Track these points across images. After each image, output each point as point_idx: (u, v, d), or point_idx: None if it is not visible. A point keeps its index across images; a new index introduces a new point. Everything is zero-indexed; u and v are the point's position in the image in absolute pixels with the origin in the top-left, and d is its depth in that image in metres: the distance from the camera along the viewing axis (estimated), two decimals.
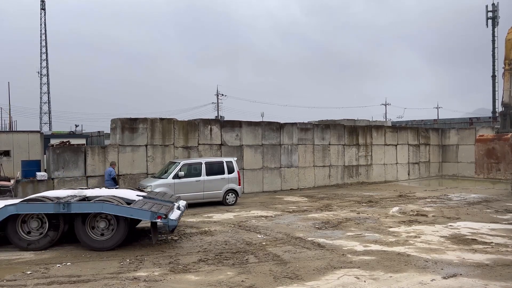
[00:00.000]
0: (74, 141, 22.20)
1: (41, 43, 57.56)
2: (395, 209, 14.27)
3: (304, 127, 21.71)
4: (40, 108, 57.84)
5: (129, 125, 17.22)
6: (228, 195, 16.02)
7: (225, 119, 32.87)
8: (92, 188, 11.27)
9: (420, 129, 27.20)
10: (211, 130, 18.95)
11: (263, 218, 12.79)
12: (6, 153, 22.04)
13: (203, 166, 15.78)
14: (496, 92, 47.64)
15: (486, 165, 24.65)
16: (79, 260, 8.17)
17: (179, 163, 15.62)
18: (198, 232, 10.72)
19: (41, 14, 57.61)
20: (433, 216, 12.88)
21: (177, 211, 9.81)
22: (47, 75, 57.72)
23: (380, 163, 24.48)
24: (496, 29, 49.15)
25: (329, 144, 22.44)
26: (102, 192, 10.04)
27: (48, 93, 58.02)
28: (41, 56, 57.57)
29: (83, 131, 42.41)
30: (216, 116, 54.61)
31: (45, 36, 57.64)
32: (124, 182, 16.67)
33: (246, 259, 8.08)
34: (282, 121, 21.19)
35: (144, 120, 17.57)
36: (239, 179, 16.43)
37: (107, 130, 30.26)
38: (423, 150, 26.75)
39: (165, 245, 9.34)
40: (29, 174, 16.39)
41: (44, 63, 57.59)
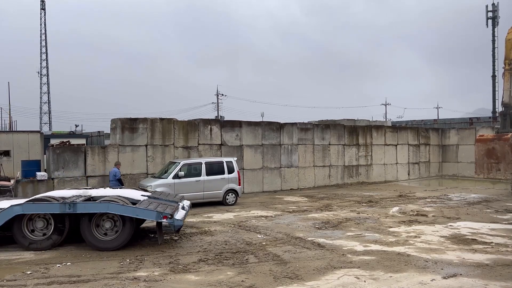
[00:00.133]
0: (74, 141, 22.20)
1: (41, 43, 57.66)
2: (395, 209, 14.28)
3: (304, 127, 21.71)
4: (40, 108, 57.92)
5: (129, 125, 17.23)
6: (228, 195, 16.03)
7: (225, 119, 32.87)
8: (96, 188, 11.21)
9: (420, 129, 27.21)
10: (211, 130, 18.95)
11: (263, 218, 12.80)
12: (6, 153, 22.05)
13: (203, 166, 15.79)
14: (496, 92, 47.69)
15: (486, 165, 24.65)
16: (79, 260, 8.17)
17: (179, 163, 15.63)
18: (198, 232, 10.72)
19: (41, 14, 57.68)
20: (433, 216, 12.88)
21: (182, 211, 9.79)
22: (47, 75, 57.79)
23: (380, 163, 24.49)
24: (496, 29, 49.21)
25: (329, 144, 22.45)
26: (107, 192, 10.02)
27: (48, 93, 58.07)
28: (41, 56, 57.67)
29: (83, 131, 42.44)
30: (216, 116, 54.62)
31: (45, 36, 57.73)
32: (124, 182, 16.65)
33: (246, 259, 8.08)
34: (282, 121, 21.21)
35: (144, 120, 17.58)
36: (239, 179, 16.43)
37: (107, 130, 30.30)
38: (423, 150, 26.76)
39: (165, 245, 9.33)
40: (29, 174, 16.39)
41: (44, 63, 57.68)
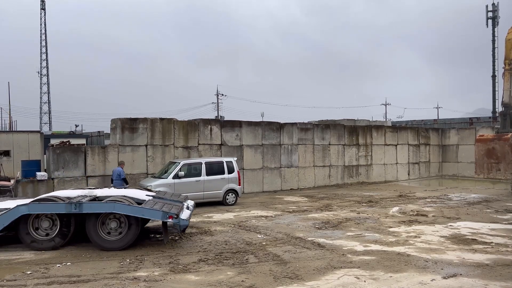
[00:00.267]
0: (74, 141, 22.20)
1: (41, 43, 57.61)
2: (395, 209, 14.27)
3: (304, 127, 21.71)
4: (40, 108, 57.88)
5: (129, 125, 17.23)
6: (228, 195, 16.03)
7: (225, 119, 32.87)
8: (100, 188, 11.17)
9: (420, 129, 27.21)
10: (211, 130, 18.95)
11: (263, 218, 12.80)
12: (6, 153, 22.06)
13: (203, 166, 15.79)
14: (496, 92, 47.69)
15: (486, 165, 24.67)
16: (79, 260, 8.17)
17: (179, 163, 15.62)
18: (198, 232, 10.72)
19: (41, 14, 57.63)
20: (433, 216, 12.88)
21: (187, 211, 9.79)
22: (47, 75, 57.75)
23: (380, 163, 24.49)
24: (496, 29, 49.22)
25: (329, 144, 22.45)
26: (112, 192, 9.99)
27: (48, 93, 58.04)
28: (41, 56, 57.62)
29: (83, 131, 42.43)
30: (216, 116, 54.62)
31: (45, 36, 57.67)
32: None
33: (246, 259, 8.08)
34: (282, 121, 21.21)
35: (144, 120, 17.58)
36: (239, 179, 16.43)
37: (107, 130, 30.29)
38: (423, 150, 26.76)
39: (165, 245, 9.33)
40: (29, 174, 16.39)
41: (44, 63, 57.61)
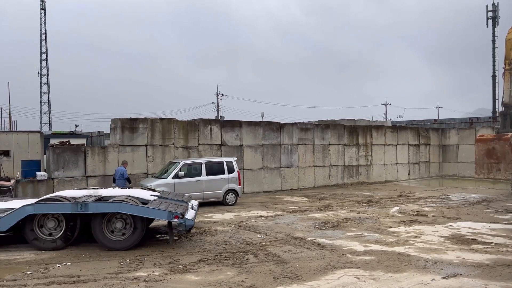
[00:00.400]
0: (74, 141, 22.19)
1: (41, 43, 57.60)
2: (395, 209, 14.27)
3: (304, 127, 21.71)
4: (40, 108, 57.87)
5: (129, 125, 17.23)
6: (228, 195, 16.02)
7: (225, 119, 32.88)
8: (104, 188, 11.13)
9: (420, 129, 27.21)
10: (211, 130, 18.95)
11: (263, 218, 12.79)
12: (6, 153, 22.03)
13: (203, 166, 15.79)
14: (496, 92, 47.65)
15: (486, 165, 24.67)
16: (79, 260, 8.17)
17: (179, 163, 15.62)
18: (198, 232, 10.71)
19: (41, 14, 57.63)
20: (433, 216, 12.88)
21: (192, 211, 9.78)
22: (47, 75, 57.74)
23: (380, 163, 24.48)
24: (496, 29, 49.17)
25: (329, 144, 22.45)
26: (117, 192, 9.97)
27: (48, 93, 58.02)
28: (41, 56, 57.61)
29: (83, 131, 42.40)
30: (216, 116, 54.62)
31: (45, 36, 57.66)
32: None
33: (246, 259, 8.08)
34: (282, 121, 21.21)
35: (144, 120, 17.58)
36: (239, 179, 16.42)
37: (107, 130, 30.26)
38: (423, 150, 26.75)
39: (165, 245, 9.34)
40: (29, 174, 16.39)
41: (44, 63, 57.60)
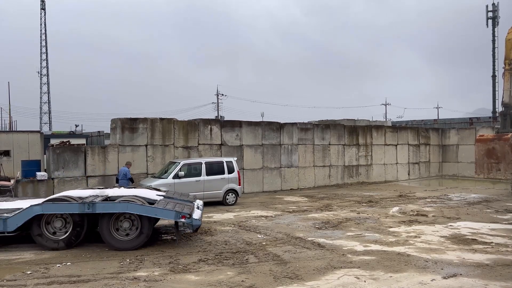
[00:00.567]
0: (74, 141, 22.19)
1: (41, 43, 57.57)
2: (395, 209, 14.27)
3: (304, 127, 21.71)
4: (40, 108, 57.85)
5: (129, 125, 17.23)
6: (228, 195, 16.02)
7: (225, 119, 32.88)
8: (110, 187, 11.13)
9: (420, 129, 27.21)
10: (211, 130, 18.95)
11: (263, 218, 12.79)
12: (6, 153, 22.03)
13: (203, 166, 15.79)
14: (496, 92, 47.65)
15: (486, 165, 24.68)
16: (79, 260, 8.17)
17: (179, 162, 15.62)
18: (198, 232, 10.69)
19: (41, 14, 57.60)
20: (433, 216, 12.88)
21: (198, 211, 9.79)
22: (47, 75, 57.71)
23: (380, 163, 24.48)
24: (496, 29, 49.17)
25: (329, 144, 22.45)
26: (123, 192, 9.95)
27: (48, 93, 58.00)
28: (41, 56, 57.59)
29: (83, 131, 42.39)
30: (216, 116, 54.63)
31: (45, 36, 57.62)
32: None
33: (246, 259, 8.08)
34: (282, 121, 21.21)
35: (144, 120, 17.58)
36: (239, 179, 16.43)
37: (107, 130, 30.28)
38: (423, 150, 26.75)
39: (165, 245, 9.34)
40: (29, 174, 16.39)
41: (44, 63, 57.57)
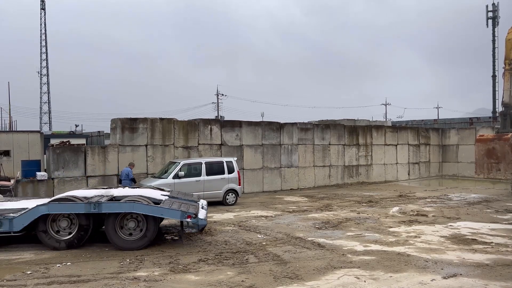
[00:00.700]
0: (74, 141, 22.19)
1: (41, 43, 57.60)
2: (395, 209, 14.27)
3: (304, 127, 21.71)
4: (40, 108, 57.88)
5: (129, 125, 17.22)
6: (228, 195, 16.02)
7: (225, 119, 32.89)
8: (114, 187, 11.11)
9: (420, 129, 27.20)
10: (211, 130, 18.95)
11: (263, 218, 12.80)
12: (6, 153, 22.03)
13: (203, 166, 15.79)
14: (496, 92, 47.64)
15: (486, 165, 24.68)
16: (79, 260, 8.17)
17: (179, 163, 15.62)
18: (198, 231, 10.71)
19: (41, 14, 57.63)
20: (433, 216, 12.88)
21: (203, 210, 9.77)
22: (47, 75, 57.75)
23: (380, 163, 24.48)
24: (496, 29, 49.16)
25: (329, 144, 22.45)
26: (128, 192, 9.93)
27: (48, 93, 58.03)
28: (41, 56, 57.62)
29: (83, 131, 42.41)
30: (216, 116, 54.63)
31: (45, 36, 57.67)
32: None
33: (246, 259, 8.08)
34: (282, 121, 21.20)
35: (144, 120, 17.58)
36: (239, 179, 16.42)
37: (107, 130, 30.28)
38: (423, 150, 26.75)
39: (165, 245, 9.34)
40: (29, 174, 16.38)
41: (44, 63, 57.63)
